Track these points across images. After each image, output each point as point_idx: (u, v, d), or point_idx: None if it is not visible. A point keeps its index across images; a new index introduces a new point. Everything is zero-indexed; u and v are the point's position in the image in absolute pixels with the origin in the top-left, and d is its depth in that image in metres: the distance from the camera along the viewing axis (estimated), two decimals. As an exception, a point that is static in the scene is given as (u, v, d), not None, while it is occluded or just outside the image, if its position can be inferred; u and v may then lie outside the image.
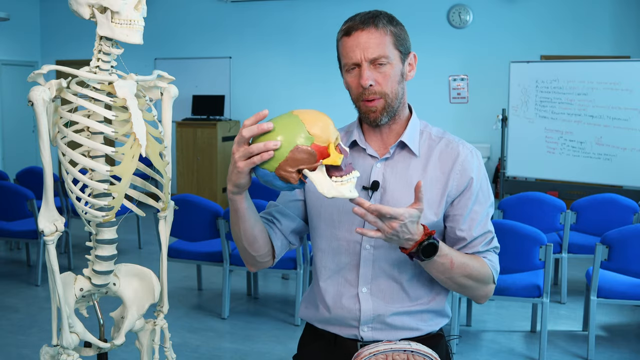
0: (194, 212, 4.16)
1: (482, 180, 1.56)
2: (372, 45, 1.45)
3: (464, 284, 1.50)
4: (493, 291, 1.58)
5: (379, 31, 1.46)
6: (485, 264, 1.53)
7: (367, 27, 1.46)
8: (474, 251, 1.54)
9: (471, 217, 1.53)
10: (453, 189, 1.53)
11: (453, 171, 1.53)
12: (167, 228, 1.92)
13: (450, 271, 1.45)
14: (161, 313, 1.97)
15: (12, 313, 4.35)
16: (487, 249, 1.56)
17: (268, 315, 4.37)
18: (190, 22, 8.95)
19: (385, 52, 1.46)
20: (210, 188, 8.25)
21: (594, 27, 7.37)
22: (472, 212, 1.53)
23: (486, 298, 1.57)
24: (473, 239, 1.54)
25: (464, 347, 3.84)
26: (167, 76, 1.85)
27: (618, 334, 4.07)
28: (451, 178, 1.53)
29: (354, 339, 1.57)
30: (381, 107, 1.49)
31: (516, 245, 3.46)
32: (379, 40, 1.46)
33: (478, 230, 1.53)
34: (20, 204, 4.86)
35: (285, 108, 9.17)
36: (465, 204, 1.53)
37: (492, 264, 1.54)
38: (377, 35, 1.46)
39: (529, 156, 6.25)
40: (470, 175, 1.53)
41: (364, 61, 1.46)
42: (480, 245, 1.54)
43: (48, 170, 1.66)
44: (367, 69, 1.46)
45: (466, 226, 1.53)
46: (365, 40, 1.46)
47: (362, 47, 1.46)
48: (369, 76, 1.46)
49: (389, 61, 1.47)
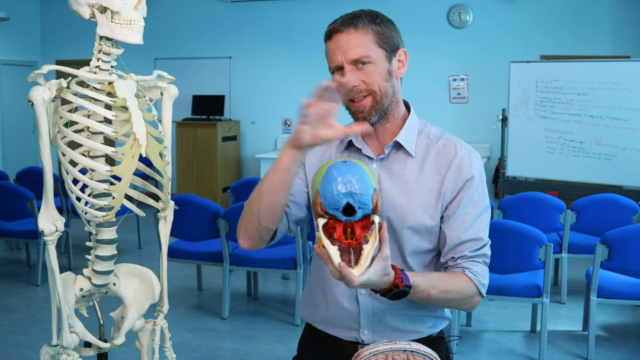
0: (194, 212, 4.16)
1: (479, 183, 1.51)
2: (352, 46, 1.44)
3: (447, 305, 1.50)
4: (480, 301, 1.52)
5: (358, 32, 1.45)
6: (469, 280, 1.46)
7: (346, 29, 1.45)
8: (460, 256, 1.48)
9: (462, 219, 1.48)
10: (448, 190, 1.50)
11: (449, 172, 1.50)
12: (167, 228, 1.92)
13: (429, 300, 1.41)
14: (161, 313, 1.97)
15: (12, 313, 4.35)
16: (475, 256, 1.48)
17: (268, 315, 4.37)
18: (190, 22, 8.95)
19: (367, 52, 1.45)
20: (210, 188, 8.25)
21: (594, 27, 7.36)
22: (464, 213, 1.49)
23: (473, 308, 1.53)
24: (461, 243, 1.48)
25: (464, 347, 3.84)
26: (167, 76, 1.85)
27: (618, 334, 4.07)
28: (447, 179, 1.50)
29: (355, 342, 1.57)
30: (369, 106, 1.47)
31: (516, 245, 3.46)
32: (359, 40, 1.45)
33: (468, 234, 1.48)
34: (20, 204, 4.86)
35: (285, 108, 9.17)
36: (457, 205, 1.49)
37: (477, 279, 1.47)
38: (356, 35, 1.45)
39: (529, 156, 6.25)
40: (465, 176, 1.50)
41: (345, 63, 1.45)
42: (468, 250, 1.48)
43: (48, 170, 1.66)
44: (349, 71, 1.45)
45: (455, 228, 1.48)
46: (345, 42, 1.45)
47: (342, 50, 1.45)
48: (351, 77, 1.44)
49: (372, 60, 1.45)
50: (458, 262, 1.49)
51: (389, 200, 1.50)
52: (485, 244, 1.51)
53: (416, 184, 1.51)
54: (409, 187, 1.50)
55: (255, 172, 8.47)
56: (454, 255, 1.49)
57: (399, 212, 1.49)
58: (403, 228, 1.50)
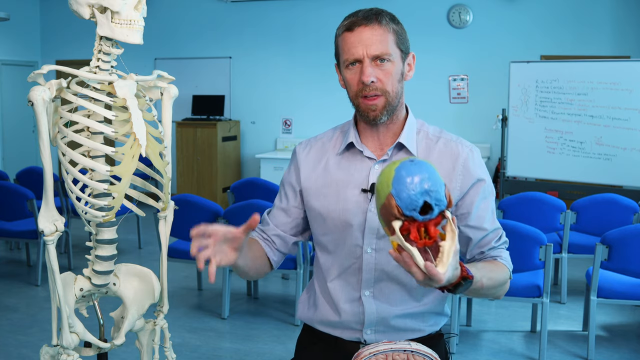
0: (194, 212, 4.16)
1: (486, 177, 1.54)
2: (375, 41, 1.44)
3: (489, 294, 1.49)
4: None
5: (382, 28, 1.45)
6: (504, 267, 1.51)
7: (370, 23, 1.44)
8: (488, 248, 1.53)
9: (479, 215, 1.52)
10: (456, 190, 1.51)
11: (455, 172, 1.51)
12: (167, 228, 1.92)
13: (479, 291, 1.41)
14: (161, 313, 1.97)
15: (12, 313, 4.35)
16: (500, 244, 1.54)
17: (268, 315, 4.37)
18: (190, 22, 8.95)
19: (388, 50, 1.44)
20: (210, 188, 8.25)
21: (594, 27, 7.36)
22: (480, 209, 1.52)
23: (504, 294, 1.57)
24: (485, 235, 1.52)
25: (464, 347, 3.84)
26: (167, 76, 1.84)
27: (618, 334, 4.07)
28: (454, 179, 1.51)
29: (356, 341, 1.57)
30: (382, 106, 1.47)
31: (516, 245, 3.43)
32: (382, 37, 1.44)
33: (488, 226, 1.52)
34: (20, 204, 4.86)
35: (285, 108, 9.17)
36: (471, 202, 1.51)
37: (508, 263, 1.53)
38: (380, 32, 1.44)
39: (529, 156, 6.25)
40: (473, 174, 1.51)
41: (366, 57, 1.44)
42: (493, 241, 1.53)
43: (48, 170, 1.66)
44: (369, 66, 1.44)
45: (476, 223, 1.51)
46: (368, 36, 1.44)
47: (365, 43, 1.44)
48: (371, 72, 1.44)
49: (391, 59, 1.45)
50: (487, 254, 1.53)
51: None
52: (503, 231, 1.57)
53: None
54: None
55: (255, 172, 8.47)
56: (482, 250, 1.53)
57: None
58: None
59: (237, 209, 4.07)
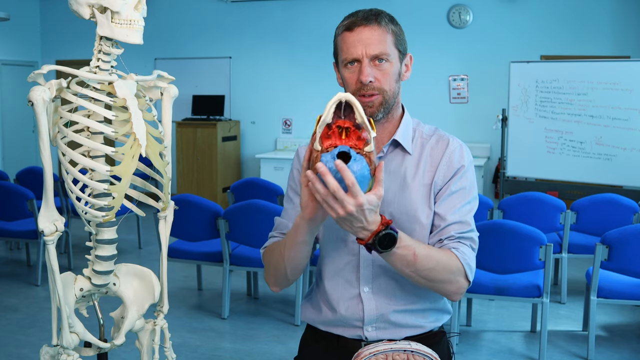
0: (194, 212, 4.16)
1: (469, 173, 1.54)
2: (375, 41, 1.46)
3: (432, 277, 1.42)
4: (466, 288, 1.49)
5: (381, 28, 1.47)
6: (455, 256, 1.45)
7: (370, 24, 1.47)
8: (447, 237, 1.49)
9: (449, 202, 1.51)
10: (439, 179, 1.53)
11: (441, 163, 1.53)
12: (167, 228, 1.92)
13: (414, 264, 1.38)
14: (161, 313, 1.97)
15: (12, 313, 4.35)
16: (461, 237, 1.49)
17: (268, 315, 4.37)
18: (190, 22, 8.95)
19: (386, 50, 1.47)
20: (210, 188, 8.25)
21: (594, 27, 7.36)
22: (452, 198, 1.51)
23: (459, 294, 1.48)
24: (447, 225, 1.49)
25: (464, 347, 3.84)
26: (167, 76, 1.84)
27: (618, 334, 4.07)
28: (438, 170, 1.53)
29: (358, 339, 1.57)
30: (378, 104, 1.49)
31: (516, 245, 3.46)
32: (381, 37, 1.47)
33: (455, 217, 1.49)
34: (20, 204, 4.86)
35: (285, 108, 9.17)
36: (445, 190, 1.52)
37: (463, 257, 1.46)
38: (379, 32, 1.47)
39: (529, 156, 6.25)
40: (456, 166, 1.53)
41: (365, 57, 1.46)
42: (453, 230, 1.49)
43: (48, 170, 1.66)
44: (367, 65, 1.46)
45: (442, 210, 1.50)
46: (367, 36, 1.46)
47: (365, 43, 1.46)
48: (370, 72, 1.46)
49: (389, 59, 1.48)
50: (445, 243, 1.50)
51: (388, 197, 1.52)
52: (472, 229, 1.52)
53: (414, 180, 1.54)
54: (407, 183, 1.53)
55: (255, 172, 8.47)
56: (441, 237, 1.50)
57: (400, 208, 1.52)
58: (405, 223, 1.51)
59: (237, 209, 4.07)
